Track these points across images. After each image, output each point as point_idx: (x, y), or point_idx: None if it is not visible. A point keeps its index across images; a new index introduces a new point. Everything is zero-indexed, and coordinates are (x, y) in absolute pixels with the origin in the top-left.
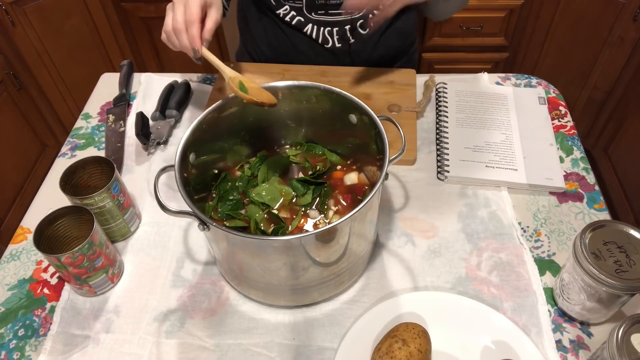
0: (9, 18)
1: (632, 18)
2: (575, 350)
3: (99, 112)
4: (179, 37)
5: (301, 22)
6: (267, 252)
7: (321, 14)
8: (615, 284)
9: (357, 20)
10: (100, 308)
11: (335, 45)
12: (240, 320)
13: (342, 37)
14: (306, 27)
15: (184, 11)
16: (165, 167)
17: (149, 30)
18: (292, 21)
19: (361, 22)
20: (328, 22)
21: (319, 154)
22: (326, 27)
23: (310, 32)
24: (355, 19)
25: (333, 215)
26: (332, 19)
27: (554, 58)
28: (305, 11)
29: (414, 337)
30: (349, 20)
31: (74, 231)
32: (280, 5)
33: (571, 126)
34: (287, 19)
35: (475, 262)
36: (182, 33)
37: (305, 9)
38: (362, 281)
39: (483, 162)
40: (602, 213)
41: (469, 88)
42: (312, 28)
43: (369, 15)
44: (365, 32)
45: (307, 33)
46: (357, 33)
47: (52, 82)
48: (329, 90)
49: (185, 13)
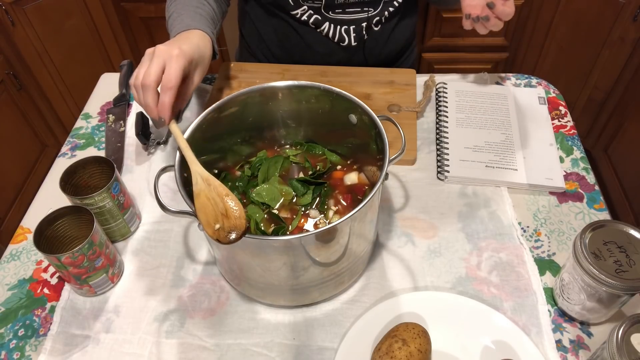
0: (9, 18)
1: (632, 18)
2: (575, 350)
3: (99, 112)
4: (144, 95)
5: (318, 20)
6: (267, 252)
7: (339, 12)
8: (615, 284)
9: (373, 18)
10: (100, 308)
11: (352, 44)
12: (240, 320)
13: (358, 35)
14: (323, 26)
15: (160, 68)
16: (165, 167)
17: (149, 30)
18: (309, 20)
19: (377, 20)
20: (345, 21)
21: (319, 154)
22: (343, 26)
23: (327, 31)
24: (372, 17)
25: (333, 215)
26: (349, 17)
27: (554, 58)
28: (323, 10)
29: (414, 337)
30: (366, 18)
31: (74, 231)
32: (298, 6)
33: (571, 126)
34: (304, 18)
35: (475, 262)
36: (149, 91)
37: (323, 9)
38: (362, 281)
39: (483, 162)
40: (602, 213)
41: (469, 88)
42: (329, 27)
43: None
44: (377, 29)
45: (323, 32)
46: (371, 30)
47: (52, 82)
48: (329, 90)
49: (163, 73)
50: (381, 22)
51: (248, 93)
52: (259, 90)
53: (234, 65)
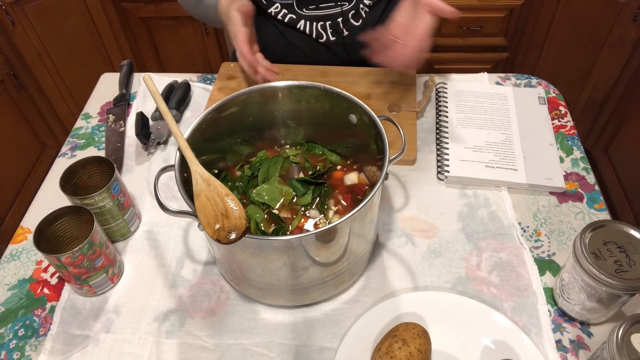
0: (9, 18)
1: (632, 18)
2: (575, 350)
3: (99, 112)
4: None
5: (293, 19)
6: (267, 252)
7: (312, 9)
8: (615, 284)
9: (348, 12)
10: (100, 308)
11: (330, 39)
12: (240, 320)
13: (335, 30)
14: (299, 24)
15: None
16: (165, 167)
17: (149, 30)
18: (284, 19)
19: (352, 14)
20: (320, 17)
21: (319, 154)
22: (319, 22)
23: (303, 28)
24: (346, 11)
25: (333, 215)
26: (323, 12)
27: (554, 58)
28: (297, 7)
29: (414, 337)
30: (340, 12)
31: (74, 231)
32: (270, 4)
33: (571, 126)
34: (280, 17)
35: (475, 262)
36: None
37: (296, 6)
38: (362, 281)
39: (483, 162)
40: (602, 213)
41: (469, 88)
42: (305, 24)
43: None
44: (358, 24)
45: (300, 29)
46: (350, 25)
47: (52, 82)
48: (329, 90)
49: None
50: (362, 17)
51: (248, 93)
52: (259, 90)
53: (234, 65)
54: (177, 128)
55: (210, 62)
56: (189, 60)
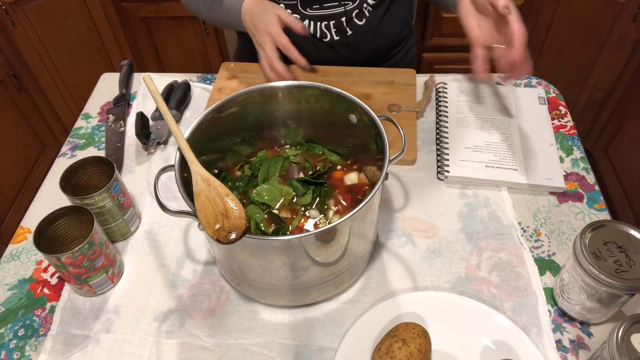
0: (9, 18)
1: (632, 18)
2: (575, 350)
3: (99, 112)
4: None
5: (297, 18)
6: (267, 252)
7: (316, 8)
8: (615, 284)
9: (352, 12)
10: (100, 308)
11: (334, 39)
12: (240, 320)
13: (339, 30)
14: (303, 23)
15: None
16: (165, 167)
17: (149, 30)
18: None
19: (356, 13)
20: (323, 16)
21: (319, 154)
22: (322, 21)
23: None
24: (350, 10)
25: (333, 215)
26: (327, 12)
27: (554, 58)
28: (301, 7)
29: (414, 337)
30: (343, 12)
31: (74, 231)
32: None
33: (571, 126)
34: None
35: (475, 262)
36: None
37: (300, 6)
38: (362, 281)
39: (483, 162)
40: (602, 213)
41: (469, 88)
42: (309, 24)
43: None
44: (361, 23)
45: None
46: (353, 24)
47: (52, 82)
48: (329, 90)
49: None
50: (365, 16)
51: (248, 93)
52: (259, 90)
53: (234, 65)
54: (177, 128)
55: (210, 62)
56: (189, 60)
